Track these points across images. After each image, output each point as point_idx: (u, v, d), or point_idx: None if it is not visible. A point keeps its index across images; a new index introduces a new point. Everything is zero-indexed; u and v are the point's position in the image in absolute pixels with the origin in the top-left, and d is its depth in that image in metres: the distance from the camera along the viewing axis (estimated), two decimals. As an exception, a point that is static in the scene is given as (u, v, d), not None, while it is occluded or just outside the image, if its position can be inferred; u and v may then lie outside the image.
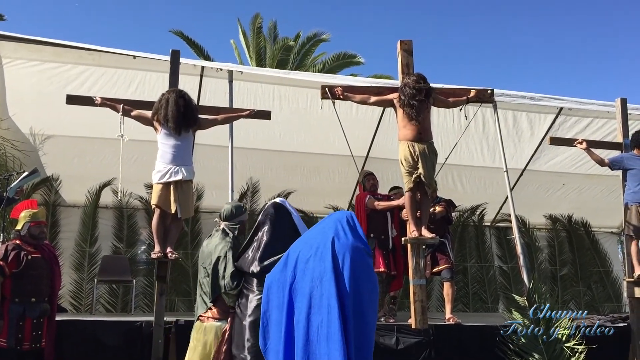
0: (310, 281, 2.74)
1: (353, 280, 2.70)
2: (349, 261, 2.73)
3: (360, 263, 2.77)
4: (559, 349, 5.52)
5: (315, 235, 2.93)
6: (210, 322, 4.17)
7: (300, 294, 2.77)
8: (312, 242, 2.87)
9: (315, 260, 2.77)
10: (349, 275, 2.70)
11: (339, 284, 2.69)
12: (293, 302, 2.80)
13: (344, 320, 2.64)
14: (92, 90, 7.07)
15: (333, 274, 2.69)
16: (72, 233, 8.95)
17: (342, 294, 2.68)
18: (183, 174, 5.33)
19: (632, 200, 6.35)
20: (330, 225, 2.88)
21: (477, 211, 10.32)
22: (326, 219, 3.01)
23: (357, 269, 2.75)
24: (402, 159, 5.74)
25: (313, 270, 2.75)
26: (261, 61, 18.58)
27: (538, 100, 7.48)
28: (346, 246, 2.77)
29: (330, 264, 2.71)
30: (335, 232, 2.81)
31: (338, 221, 2.88)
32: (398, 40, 6.27)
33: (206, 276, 4.23)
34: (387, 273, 6.59)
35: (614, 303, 10.41)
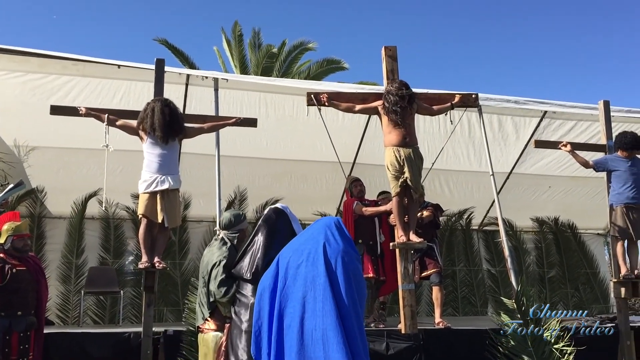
0: (303, 286, 2.74)
1: (347, 284, 2.70)
2: (342, 265, 2.74)
3: (352, 267, 2.78)
4: (548, 351, 5.55)
5: (304, 241, 2.93)
6: (208, 333, 4.16)
7: (292, 299, 2.76)
8: (302, 248, 2.87)
9: (307, 265, 2.77)
10: (342, 279, 2.71)
11: (333, 287, 2.69)
12: (284, 308, 2.79)
13: (342, 322, 2.64)
14: (77, 100, 7.02)
15: (327, 278, 2.70)
16: (58, 245, 8.86)
17: (338, 297, 2.68)
18: (170, 183, 5.31)
19: (617, 201, 6.41)
20: (319, 231, 2.88)
21: (465, 215, 10.36)
22: (314, 225, 3.01)
23: (349, 273, 2.76)
24: (388, 164, 5.76)
25: (305, 275, 2.75)
26: (245, 69, 18.60)
27: (523, 104, 7.53)
28: (337, 251, 2.77)
29: (323, 268, 2.72)
30: (326, 238, 2.82)
31: (327, 227, 2.89)
32: (382, 47, 6.30)
33: (204, 286, 4.21)
34: (376, 278, 6.60)
35: (601, 304, 10.48)
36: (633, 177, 6.39)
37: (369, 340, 5.63)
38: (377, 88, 6.73)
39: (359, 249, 6.65)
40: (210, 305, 4.14)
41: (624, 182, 6.38)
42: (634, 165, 6.46)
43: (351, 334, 2.68)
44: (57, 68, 6.93)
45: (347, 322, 2.68)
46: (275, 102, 8.04)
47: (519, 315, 5.80)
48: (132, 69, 6.69)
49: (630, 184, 6.36)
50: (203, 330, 4.20)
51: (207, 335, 4.16)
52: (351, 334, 2.68)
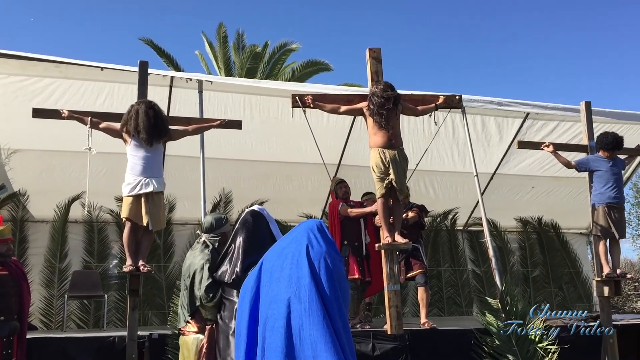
0: (287, 287, 2.74)
1: (331, 285, 2.70)
2: (325, 267, 2.74)
3: (335, 269, 2.78)
4: (533, 350, 5.60)
5: (287, 244, 2.92)
6: (189, 335, 4.15)
7: (277, 301, 2.76)
8: (285, 252, 2.87)
9: (291, 267, 2.77)
10: (326, 280, 2.71)
11: (318, 288, 2.69)
12: (268, 310, 2.78)
13: (331, 322, 2.64)
14: (59, 103, 6.95)
15: (312, 279, 2.70)
16: (41, 249, 8.76)
17: (323, 297, 2.68)
18: (154, 185, 5.28)
19: (599, 201, 6.48)
20: (302, 234, 2.88)
21: (450, 216, 10.41)
22: (296, 228, 3.01)
23: (333, 274, 2.76)
24: (374, 165, 5.78)
25: (290, 277, 2.75)
26: (230, 71, 18.54)
27: (506, 106, 7.60)
28: (320, 253, 2.78)
29: (307, 270, 2.72)
30: (309, 240, 2.82)
31: (309, 230, 2.89)
32: (367, 48, 6.32)
33: (185, 289, 4.21)
34: (362, 280, 6.61)
35: (584, 303, 10.58)
36: (614, 177, 6.47)
37: (355, 341, 5.67)
38: (362, 90, 6.75)
39: (344, 250, 6.67)
40: (192, 308, 4.13)
41: (605, 182, 6.45)
42: (615, 166, 6.54)
43: (338, 334, 2.68)
44: (39, 70, 6.86)
45: (333, 322, 2.68)
46: (260, 104, 8.03)
47: (503, 315, 5.85)
48: (115, 71, 6.64)
49: (611, 184, 6.43)
50: (184, 332, 4.20)
51: (187, 337, 4.16)
52: (338, 333, 2.68)
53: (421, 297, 6.63)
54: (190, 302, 4.14)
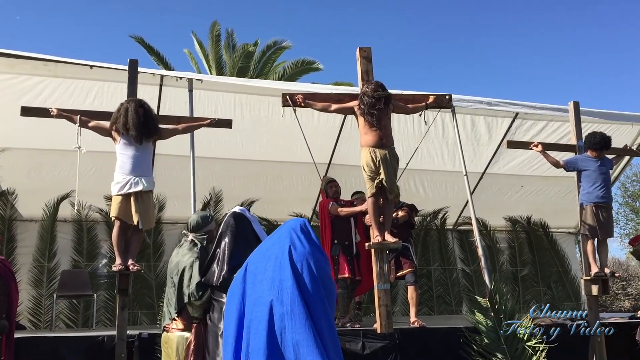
0: (270, 289, 2.73)
1: (314, 287, 2.70)
2: (308, 268, 2.73)
3: (319, 270, 2.77)
4: (521, 348, 5.64)
5: (271, 245, 2.91)
6: (174, 333, 4.15)
7: (259, 304, 2.75)
8: (269, 254, 2.86)
9: (274, 270, 2.76)
10: (309, 282, 2.70)
11: (301, 290, 2.68)
12: (252, 313, 2.77)
13: (315, 323, 2.64)
14: (48, 101, 6.91)
15: (294, 281, 2.69)
16: (30, 248, 8.71)
17: (307, 299, 2.68)
18: (143, 184, 5.26)
19: (587, 200, 6.52)
20: (285, 235, 2.86)
21: (439, 215, 10.45)
22: (279, 228, 2.99)
23: (317, 275, 2.75)
24: (364, 164, 5.79)
25: (272, 279, 2.74)
26: (221, 69, 18.51)
27: (495, 105, 7.64)
28: (303, 254, 2.76)
29: (289, 272, 2.71)
30: (291, 241, 2.80)
31: (292, 230, 2.87)
32: (357, 48, 6.33)
33: (172, 287, 4.20)
34: (352, 279, 6.62)
35: (573, 302, 10.67)
36: (602, 176, 6.52)
37: (344, 340, 5.71)
38: (352, 89, 6.76)
39: (334, 249, 6.68)
40: (180, 305, 4.13)
41: (593, 181, 6.50)
42: (603, 165, 6.59)
43: (322, 335, 2.67)
44: (28, 68, 6.81)
45: (317, 324, 2.67)
46: (251, 103, 8.02)
47: (492, 313, 5.88)
48: (104, 69, 6.61)
49: (599, 184, 6.48)
50: (169, 330, 4.19)
51: (172, 335, 4.16)
52: (322, 335, 2.68)
53: (411, 296, 6.66)
54: (178, 299, 4.13)
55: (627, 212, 20.67)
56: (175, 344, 4.11)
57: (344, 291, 6.58)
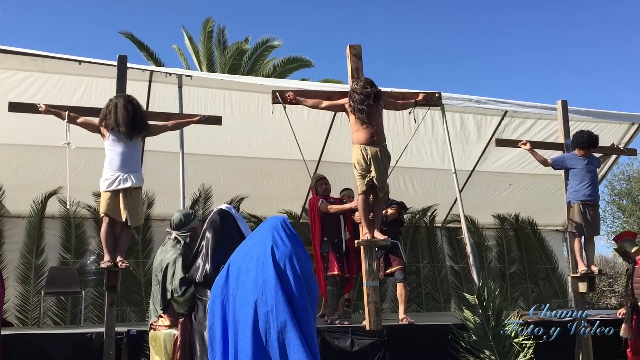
0: (254, 290, 2.73)
1: (297, 285, 2.70)
2: (291, 267, 2.73)
3: (302, 267, 2.77)
4: (509, 345, 5.68)
5: (252, 245, 2.90)
6: (161, 330, 4.15)
7: (244, 304, 2.75)
8: (251, 253, 2.85)
9: (257, 270, 2.76)
10: (293, 280, 2.71)
11: (285, 290, 2.69)
12: (237, 314, 2.77)
13: (299, 322, 2.65)
14: (36, 97, 6.86)
15: (277, 281, 2.69)
16: (17, 244, 8.63)
17: (291, 298, 2.68)
18: (132, 181, 5.23)
19: (574, 198, 6.57)
20: (266, 234, 2.86)
21: (429, 212, 10.49)
22: (260, 227, 2.98)
23: (299, 273, 2.75)
24: (355, 162, 5.80)
25: (256, 280, 2.74)
26: (212, 66, 18.43)
27: (484, 104, 7.69)
28: (286, 253, 2.76)
29: (272, 272, 2.71)
30: (273, 240, 2.80)
31: (274, 228, 2.87)
32: (347, 45, 6.34)
33: (157, 284, 4.20)
34: (341, 276, 6.63)
35: (560, 299, 10.76)
36: (589, 174, 6.57)
37: (334, 337, 5.73)
38: (342, 86, 6.77)
39: (324, 246, 6.69)
40: (164, 302, 4.13)
41: (581, 179, 6.55)
42: (591, 164, 6.64)
43: (307, 334, 2.68)
44: (15, 63, 6.76)
45: (302, 322, 2.68)
46: (240, 99, 8.01)
47: (480, 310, 5.93)
48: (93, 65, 6.58)
49: (587, 182, 6.53)
50: (156, 327, 4.19)
51: (159, 332, 4.16)
52: (307, 333, 2.68)
53: (400, 293, 6.68)
54: (162, 296, 4.14)
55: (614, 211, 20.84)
56: (163, 341, 4.11)
57: (333, 288, 6.59)
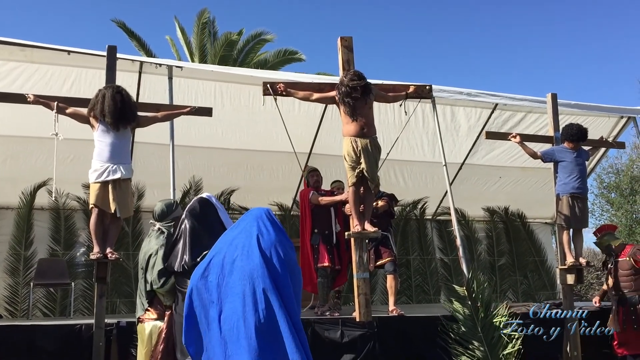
0: (241, 279, 2.72)
1: (284, 274, 2.71)
2: (277, 256, 2.74)
3: (287, 257, 2.78)
4: (497, 336, 5.73)
5: (237, 234, 2.90)
6: (148, 322, 4.14)
7: (232, 294, 2.74)
8: (236, 242, 2.85)
9: (242, 259, 2.76)
10: (279, 269, 2.71)
11: (272, 278, 2.69)
12: (223, 304, 2.76)
13: (287, 310, 2.65)
14: (25, 87, 6.79)
15: (265, 269, 2.69)
16: (6, 236, 8.59)
17: (278, 286, 2.69)
18: (121, 172, 5.20)
19: (563, 191, 6.61)
20: (251, 224, 2.86)
21: (419, 205, 10.53)
22: (244, 217, 2.98)
23: (285, 263, 2.76)
24: (345, 154, 5.80)
25: (242, 269, 2.73)
26: (204, 58, 18.34)
27: (475, 96, 7.70)
28: (271, 242, 2.77)
29: (259, 260, 2.71)
30: (259, 230, 2.81)
31: (259, 218, 2.87)
32: (339, 37, 6.32)
33: (142, 277, 4.19)
34: (332, 267, 6.65)
35: (548, 290, 10.84)
36: (578, 167, 6.62)
37: (324, 328, 5.75)
38: (333, 78, 6.76)
39: (314, 238, 6.70)
40: (149, 295, 4.11)
41: (569, 172, 6.59)
42: (580, 157, 6.69)
43: (295, 321, 2.69)
44: (3, 54, 6.68)
45: (289, 310, 2.69)
46: (231, 91, 7.99)
47: (469, 302, 5.96)
48: (82, 55, 6.52)
49: (575, 175, 6.57)
50: (142, 320, 4.18)
51: (146, 324, 4.15)
52: (295, 320, 2.69)
53: (390, 285, 6.71)
54: (146, 288, 4.12)
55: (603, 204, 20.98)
56: (148, 332, 4.10)
57: (323, 280, 6.61)
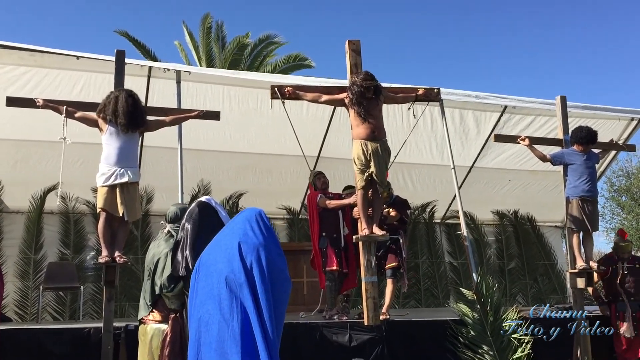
0: (218, 283, 2.70)
1: (262, 280, 2.66)
2: (257, 261, 2.69)
3: (269, 262, 2.72)
4: (507, 340, 5.68)
5: (224, 237, 2.87)
6: (151, 325, 4.13)
7: (209, 297, 2.72)
8: (222, 244, 2.82)
9: (223, 262, 2.73)
10: (258, 275, 2.67)
11: (249, 284, 2.66)
12: (201, 307, 2.74)
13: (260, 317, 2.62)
14: (34, 92, 6.85)
15: (243, 275, 2.66)
16: (16, 240, 8.65)
17: (255, 292, 2.65)
18: (129, 176, 5.21)
19: (573, 194, 6.56)
20: (239, 225, 2.82)
21: (428, 208, 10.49)
22: (235, 218, 2.94)
23: (265, 268, 2.70)
24: (355, 157, 5.77)
25: (220, 273, 2.71)
26: (211, 62, 18.40)
27: (483, 99, 7.68)
28: (254, 246, 2.72)
29: (238, 265, 2.68)
30: (244, 232, 2.76)
31: (247, 220, 2.83)
32: (346, 40, 6.31)
33: (148, 278, 4.18)
34: (340, 271, 6.62)
35: (559, 294, 10.76)
36: (588, 170, 6.56)
37: (332, 332, 5.73)
38: (342, 82, 6.75)
39: (322, 241, 6.67)
40: (154, 297, 4.11)
41: (579, 175, 6.54)
42: (589, 159, 6.63)
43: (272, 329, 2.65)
44: (14, 59, 6.75)
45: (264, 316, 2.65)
46: (239, 95, 8.00)
47: (478, 306, 5.92)
48: (91, 60, 6.57)
49: (585, 177, 6.52)
50: (146, 321, 4.18)
51: (148, 327, 4.14)
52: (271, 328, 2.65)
53: (387, 289, 6.64)
54: (151, 290, 4.12)
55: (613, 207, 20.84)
56: (150, 336, 4.08)
57: (331, 284, 6.59)
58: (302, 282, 7.85)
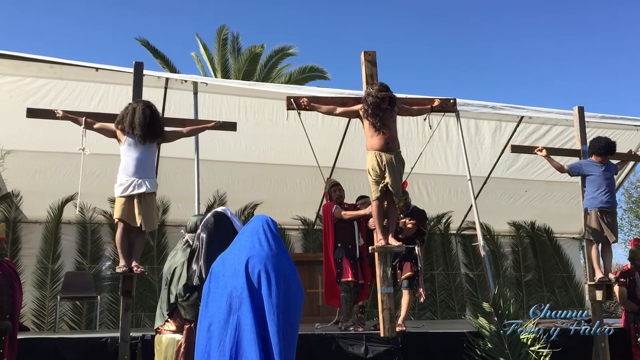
0: (222, 295, 2.71)
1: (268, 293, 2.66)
2: (265, 275, 2.69)
3: (276, 274, 2.72)
4: (525, 353, 5.61)
5: (233, 249, 2.88)
6: (166, 335, 4.14)
7: (217, 308, 2.73)
8: (230, 258, 2.83)
9: (231, 275, 2.74)
10: (264, 290, 2.67)
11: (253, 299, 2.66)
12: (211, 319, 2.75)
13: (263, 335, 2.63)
14: (54, 103, 6.94)
15: (246, 290, 2.66)
16: (34, 250, 8.73)
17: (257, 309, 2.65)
18: (147, 186, 5.26)
19: (592, 205, 6.49)
20: (247, 238, 2.83)
21: (443, 219, 10.44)
22: (244, 228, 2.94)
23: (272, 280, 2.70)
24: (370, 168, 5.78)
25: (225, 286, 2.72)
26: (227, 73, 18.54)
27: (499, 109, 7.63)
28: (262, 258, 2.72)
29: (243, 280, 2.69)
30: (252, 245, 2.77)
31: (255, 232, 2.83)
32: (362, 51, 6.33)
33: (165, 287, 4.21)
34: (355, 282, 6.60)
35: (577, 307, 10.60)
36: (607, 181, 6.50)
37: (347, 344, 5.70)
38: (357, 92, 6.76)
39: (337, 252, 6.66)
40: (170, 306, 4.12)
41: (597, 186, 6.47)
42: (608, 170, 6.57)
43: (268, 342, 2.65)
44: (33, 70, 6.85)
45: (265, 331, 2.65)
46: (255, 106, 8.04)
47: (496, 318, 5.86)
48: (110, 72, 6.64)
49: (604, 189, 6.45)
50: (161, 331, 4.19)
51: (163, 337, 4.16)
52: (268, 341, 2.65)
53: (403, 300, 6.59)
54: (168, 299, 4.14)
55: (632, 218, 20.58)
56: (165, 346, 4.10)
57: (347, 294, 6.57)
58: (317, 292, 7.81)
